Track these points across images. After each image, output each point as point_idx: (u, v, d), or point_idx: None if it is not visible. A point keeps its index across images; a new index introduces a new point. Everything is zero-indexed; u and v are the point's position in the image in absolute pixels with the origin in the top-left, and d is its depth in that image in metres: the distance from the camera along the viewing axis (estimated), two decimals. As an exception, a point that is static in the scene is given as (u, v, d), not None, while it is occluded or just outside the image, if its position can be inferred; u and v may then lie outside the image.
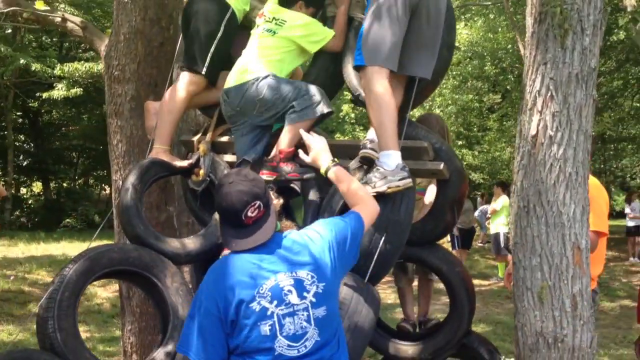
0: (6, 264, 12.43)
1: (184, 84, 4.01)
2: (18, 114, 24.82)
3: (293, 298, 2.44)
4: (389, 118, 3.27)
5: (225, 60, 4.09)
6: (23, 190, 26.91)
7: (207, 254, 3.91)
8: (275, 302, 2.42)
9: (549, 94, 3.24)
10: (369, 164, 3.37)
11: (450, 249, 10.79)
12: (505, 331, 8.26)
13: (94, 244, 3.87)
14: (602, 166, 27.37)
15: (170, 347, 3.47)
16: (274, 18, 3.79)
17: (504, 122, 22.89)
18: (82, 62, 18.90)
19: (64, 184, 26.87)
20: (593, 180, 4.34)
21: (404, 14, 3.32)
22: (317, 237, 2.60)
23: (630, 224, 16.95)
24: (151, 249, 3.67)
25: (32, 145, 25.79)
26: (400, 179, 3.17)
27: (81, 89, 19.42)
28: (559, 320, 3.19)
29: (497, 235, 13.07)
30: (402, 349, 3.80)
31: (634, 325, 9.17)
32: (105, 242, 3.68)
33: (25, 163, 25.76)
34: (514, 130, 22.42)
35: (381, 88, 3.29)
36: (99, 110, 23.77)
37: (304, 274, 2.49)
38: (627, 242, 17.24)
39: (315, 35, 3.78)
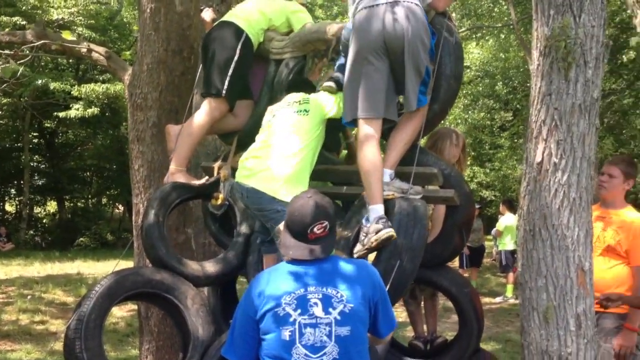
0: (23, 283, 12.64)
1: (207, 109, 4.16)
2: (34, 134, 25.19)
3: (317, 311, 2.58)
4: (373, 178, 3.40)
5: (244, 86, 4.26)
6: (37, 210, 27.20)
7: (225, 277, 4.09)
8: (299, 311, 2.58)
9: (553, 123, 3.37)
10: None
11: (458, 267, 10.96)
12: (515, 349, 8.28)
13: (111, 264, 4.03)
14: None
15: (191, 367, 3.63)
16: (295, 101, 3.80)
17: (515, 140, 22.97)
18: (99, 83, 19.25)
19: (79, 204, 27.15)
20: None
21: (373, 60, 3.46)
22: (373, 274, 2.76)
23: None
24: (172, 271, 3.84)
25: (48, 165, 26.14)
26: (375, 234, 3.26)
27: (98, 109, 19.75)
28: (563, 339, 3.30)
29: (500, 253, 13.58)
30: (414, 367, 3.93)
31: None
32: (124, 262, 3.84)
33: (40, 183, 26.12)
34: (525, 148, 22.51)
35: (365, 144, 3.45)
36: (113, 130, 24.14)
37: (334, 291, 2.62)
38: None
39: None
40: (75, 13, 19.70)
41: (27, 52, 6.44)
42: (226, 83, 4.09)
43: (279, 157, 3.56)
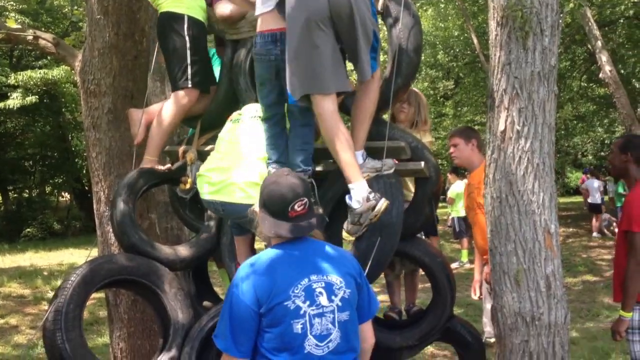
0: (-25, 279, 12.36)
1: (178, 99, 4.09)
2: (-31, 125, 24.44)
3: (323, 300, 2.60)
4: (347, 155, 3.31)
5: (208, 68, 4.24)
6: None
7: (199, 260, 4.10)
8: (307, 302, 2.57)
9: (514, 92, 3.47)
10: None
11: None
12: (477, 312, 8.51)
13: (62, 253, 4.01)
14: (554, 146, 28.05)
15: (173, 352, 3.64)
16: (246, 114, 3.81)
17: (459, 108, 23.35)
18: (36, 69, 18.73)
19: (23, 194, 26.54)
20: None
21: (320, 31, 3.28)
22: (353, 258, 2.81)
23: (592, 201, 17.48)
24: (147, 257, 3.84)
25: (-12, 156, 25.41)
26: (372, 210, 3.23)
27: (37, 97, 19.23)
28: (535, 300, 3.43)
29: (452, 220, 14.03)
30: (390, 338, 4.00)
31: (597, 298, 9.61)
32: (78, 250, 3.82)
33: (-19, 175, 25.39)
34: (469, 115, 22.93)
35: (330, 122, 3.31)
36: (53, 117, 23.57)
37: (334, 278, 2.65)
38: (591, 219, 17.60)
39: None
40: (6, -3, 19.08)
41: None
42: (189, 72, 4.04)
43: (244, 165, 3.55)
